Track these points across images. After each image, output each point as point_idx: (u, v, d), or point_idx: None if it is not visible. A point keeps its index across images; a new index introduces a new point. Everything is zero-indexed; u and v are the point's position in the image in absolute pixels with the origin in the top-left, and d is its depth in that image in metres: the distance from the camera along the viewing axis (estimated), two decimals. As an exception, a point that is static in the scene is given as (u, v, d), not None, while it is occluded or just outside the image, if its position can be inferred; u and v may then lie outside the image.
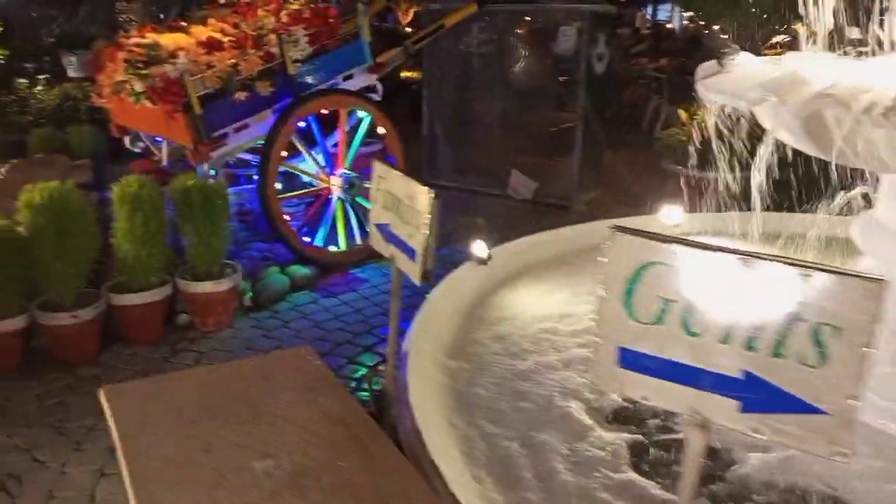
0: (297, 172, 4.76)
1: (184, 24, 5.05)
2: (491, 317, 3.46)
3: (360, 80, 4.95)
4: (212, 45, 4.31)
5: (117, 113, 4.79)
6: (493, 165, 6.78)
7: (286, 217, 4.58)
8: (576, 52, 5.84)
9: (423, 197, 1.96)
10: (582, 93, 5.97)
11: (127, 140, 5.03)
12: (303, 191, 4.81)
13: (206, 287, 3.77)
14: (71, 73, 8.48)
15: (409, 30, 6.29)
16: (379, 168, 2.24)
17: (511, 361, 2.98)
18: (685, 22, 18.35)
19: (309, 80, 4.62)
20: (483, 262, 3.65)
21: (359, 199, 4.89)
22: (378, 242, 2.28)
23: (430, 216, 1.95)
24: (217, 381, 2.17)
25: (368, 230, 4.91)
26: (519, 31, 6.39)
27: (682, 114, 6.31)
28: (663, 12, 20.01)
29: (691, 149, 6.19)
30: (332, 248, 4.84)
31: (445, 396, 2.55)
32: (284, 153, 4.53)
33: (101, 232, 3.54)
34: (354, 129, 4.93)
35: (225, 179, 4.88)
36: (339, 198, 4.82)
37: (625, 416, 2.64)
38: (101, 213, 3.76)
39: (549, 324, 3.37)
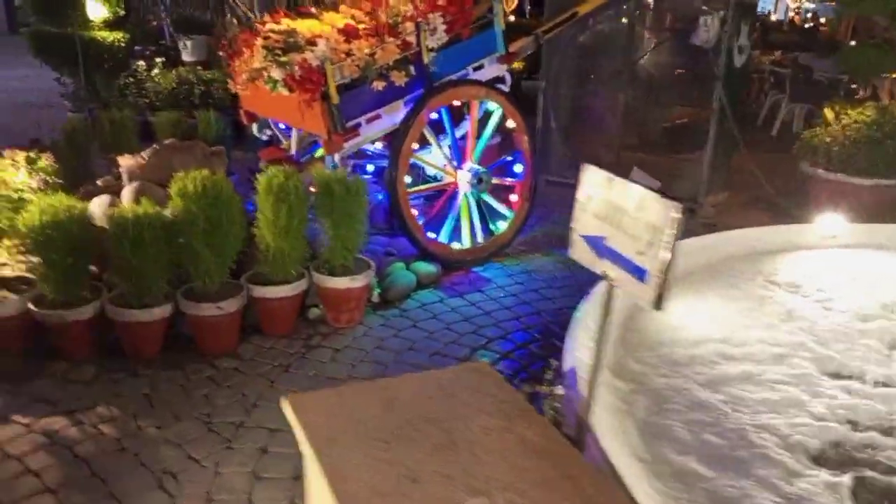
0: (423, 164, 4.61)
1: (313, 10, 4.97)
2: (650, 337, 3.22)
3: (490, 71, 4.75)
4: (350, 33, 4.19)
5: (248, 100, 4.76)
6: (611, 161, 6.48)
7: (413, 212, 4.45)
8: (716, 44, 5.44)
9: (663, 211, 1.75)
10: (718, 87, 5.58)
11: (254, 127, 5.00)
12: (430, 185, 4.66)
13: (342, 283, 3.67)
14: (185, 58, 8.64)
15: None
16: (594, 173, 2.04)
17: (685, 386, 2.74)
18: (791, 14, 17.32)
19: (441, 69, 4.46)
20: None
21: (484, 196, 4.71)
22: (584, 255, 2.08)
23: (673, 235, 1.73)
24: (398, 397, 2.02)
25: (491, 228, 4.83)
26: (651, 20, 6.04)
27: (828, 113, 5.82)
28: (765, 2, 18.94)
29: (836, 150, 5.74)
30: (456, 245, 4.68)
31: (631, 426, 2.34)
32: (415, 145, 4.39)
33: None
34: (482, 122, 4.74)
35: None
36: (465, 193, 4.65)
37: (832, 456, 2.37)
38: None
39: (713, 346, 3.11)
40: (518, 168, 4.91)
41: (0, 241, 3.38)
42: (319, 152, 5.19)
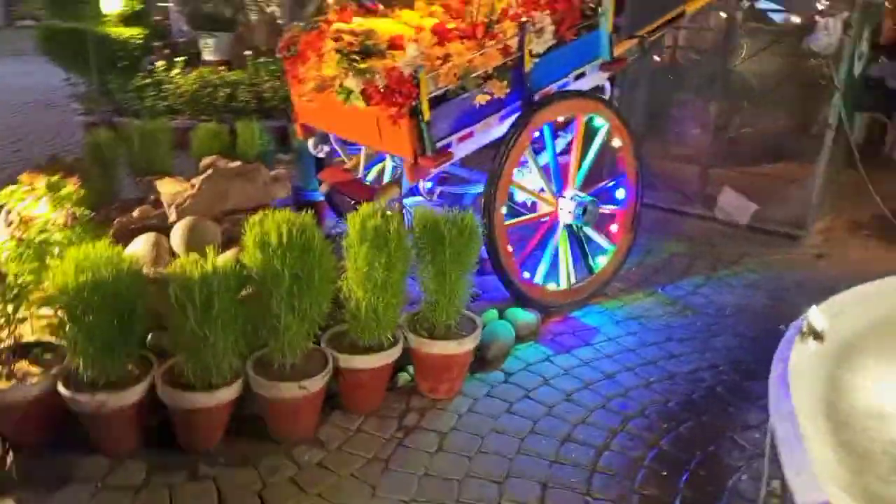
0: (523, 192, 3.87)
1: (380, 6, 4.23)
2: (839, 416, 2.50)
3: (592, 79, 4.02)
4: (443, 34, 3.46)
5: (307, 111, 4.01)
6: (697, 179, 5.77)
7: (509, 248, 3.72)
8: (838, 50, 4.73)
9: None
10: (837, 98, 4.86)
11: (310, 142, 4.26)
12: (529, 216, 3.91)
13: (448, 348, 2.95)
14: (207, 57, 7.88)
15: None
16: None
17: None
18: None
19: (541, 78, 3.73)
20: (819, 337, 2.72)
21: (586, 228, 3.98)
22: None
23: None
24: None
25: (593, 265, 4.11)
26: (754, 18, 5.30)
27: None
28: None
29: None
30: (552, 286, 3.96)
31: None
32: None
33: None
34: (583, 140, 4.00)
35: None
36: (565, 225, 3.92)
37: None
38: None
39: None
40: (620, 194, 4.18)
41: (24, 299, 2.62)
42: (381, 168, 4.47)
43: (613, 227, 4.17)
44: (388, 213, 2.72)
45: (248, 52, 7.68)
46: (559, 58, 3.78)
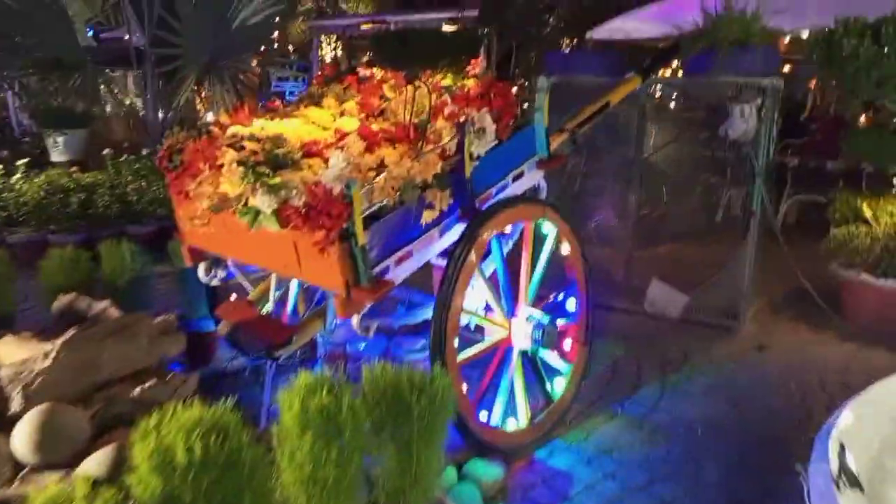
0: (477, 320, 3.26)
1: (279, 105, 3.59)
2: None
3: (529, 179, 3.56)
4: (371, 139, 2.86)
5: (198, 234, 3.21)
6: (623, 270, 5.47)
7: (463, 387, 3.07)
8: (755, 135, 4.64)
9: None
10: (758, 183, 4.76)
11: (200, 269, 3.44)
12: (481, 346, 3.28)
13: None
14: (56, 157, 6.81)
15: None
16: None
17: None
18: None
19: (481, 182, 3.22)
20: (857, 484, 2.32)
21: (542, 352, 3.43)
22: None
23: None
24: None
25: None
26: (660, 109, 5.18)
27: (866, 207, 5.16)
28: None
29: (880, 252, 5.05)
30: (511, 426, 3.33)
31: None
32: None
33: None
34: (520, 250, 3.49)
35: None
36: (521, 350, 3.35)
37: None
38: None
39: None
40: (571, 305, 3.70)
41: None
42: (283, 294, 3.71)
43: (567, 344, 3.65)
44: (335, 382, 2.00)
45: (106, 151, 6.71)
46: (497, 157, 3.29)
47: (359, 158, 2.70)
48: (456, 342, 2.99)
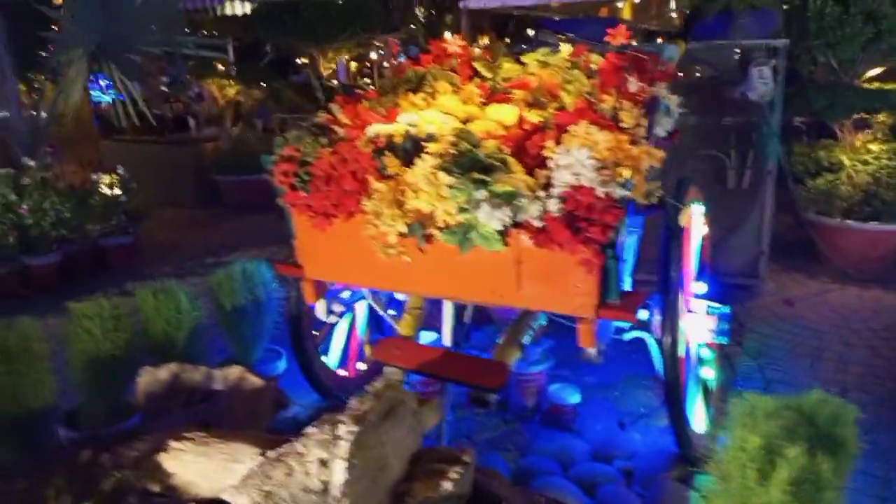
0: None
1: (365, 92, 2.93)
2: None
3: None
4: (596, 123, 2.38)
5: (324, 262, 2.48)
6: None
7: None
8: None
9: None
10: (774, 143, 4.87)
11: (319, 306, 2.70)
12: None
13: None
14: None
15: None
16: None
17: None
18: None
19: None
20: None
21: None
22: None
23: None
24: None
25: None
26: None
27: (843, 156, 5.50)
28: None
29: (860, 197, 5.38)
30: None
31: None
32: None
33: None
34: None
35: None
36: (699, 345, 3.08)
37: None
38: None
39: None
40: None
41: None
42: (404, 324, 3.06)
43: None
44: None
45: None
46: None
47: (602, 155, 2.22)
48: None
